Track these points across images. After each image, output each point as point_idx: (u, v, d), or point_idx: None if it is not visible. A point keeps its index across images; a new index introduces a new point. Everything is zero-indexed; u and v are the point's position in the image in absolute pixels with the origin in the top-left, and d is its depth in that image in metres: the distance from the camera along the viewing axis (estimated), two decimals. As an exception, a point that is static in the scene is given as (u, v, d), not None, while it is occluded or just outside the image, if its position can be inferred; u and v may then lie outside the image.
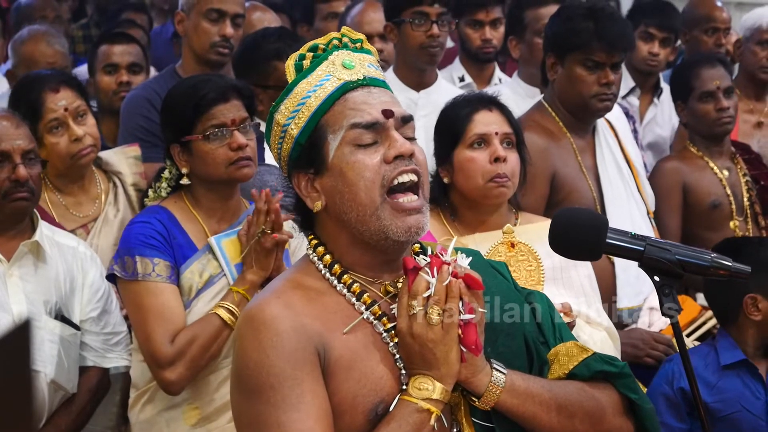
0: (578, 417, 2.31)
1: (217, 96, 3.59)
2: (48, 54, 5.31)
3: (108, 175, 4.42)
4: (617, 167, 4.48)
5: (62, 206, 4.30)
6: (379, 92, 2.33)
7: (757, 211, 4.99)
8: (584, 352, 2.38)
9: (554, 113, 4.42)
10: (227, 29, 4.96)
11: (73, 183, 4.33)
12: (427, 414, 2.21)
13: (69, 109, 4.20)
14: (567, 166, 4.36)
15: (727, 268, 2.39)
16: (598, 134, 4.50)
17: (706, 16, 6.55)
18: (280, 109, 2.34)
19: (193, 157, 3.60)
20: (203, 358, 3.49)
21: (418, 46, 5.09)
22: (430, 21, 5.05)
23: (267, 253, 3.53)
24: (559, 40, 4.39)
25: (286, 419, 2.17)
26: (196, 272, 3.57)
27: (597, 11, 4.34)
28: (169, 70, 5.18)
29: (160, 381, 3.51)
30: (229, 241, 3.59)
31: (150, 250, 3.51)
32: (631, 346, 4.24)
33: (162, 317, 3.49)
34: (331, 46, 2.36)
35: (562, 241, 2.46)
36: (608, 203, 4.39)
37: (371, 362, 2.25)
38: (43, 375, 3.75)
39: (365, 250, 2.30)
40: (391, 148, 2.27)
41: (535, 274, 3.64)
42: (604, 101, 4.32)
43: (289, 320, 2.22)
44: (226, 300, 3.52)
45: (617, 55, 4.32)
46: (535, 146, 4.19)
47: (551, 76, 4.42)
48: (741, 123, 5.45)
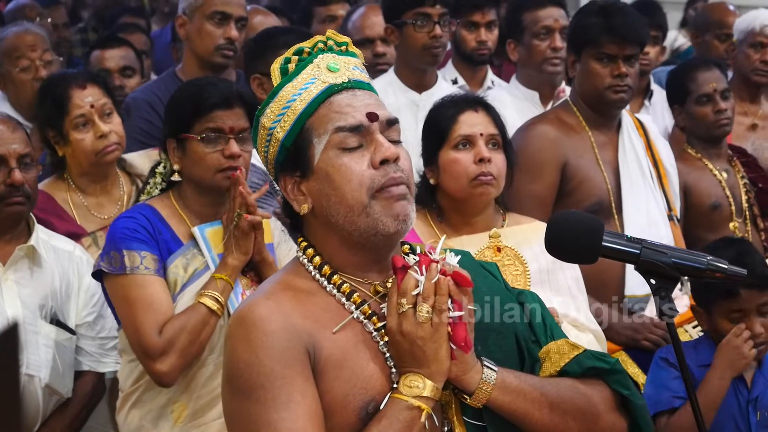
0: (570, 414, 2.31)
1: (220, 101, 3.59)
2: (27, 39, 5.29)
3: (131, 177, 4.42)
4: (639, 164, 4.56)
5: (84, 207, 4.30)
6: (364, 95, 2.32)
7: (756, 213, 5.00)
8: (575, 349, 2.38)
9: (576, 109, 4.54)
10: (232, 32, 4.98)
11: (96, 183, 4.33)
12: (417, 411, 2.21)
13: (95, 105, 4.21)
14: (581, 158, 4.46)
15: (723, 270, 2.39)
16: (621, 131, 4.59)
17: (718, 22, 6.59)
18: (266, 113, 2.35)
19: (186, 156, 3.59)
20: (193, 346, 3.47)
21: (420, 47, 5.10)
22: (432, 22, 5.06)
23: (245, 236, 3.54)
24: (575, 37, 4.59)
25: (276, 418, 2.17)
26: (181, 266, 3.55)
27: (608, 7, 4.49)
28: (169, 73, 5.20)
29: (152, 373, 3.48)
30: (212, 231, 3.58)
31: (137, 243, 3.50)
32: (630, 329, 4.31)
33: (151, 308, 3.47)
34: (316, 49, 2.36)
35: (559, 245, 2.46)
36: (625, 197, 4.47)
37: (361, 361, 2.25)
38: (38, 379, 3.75)
39: (354, 251, 2.31)
40: (376, 152, 2.27)
41: (521, 277, 3.64)
42: (618, 93, 4.44)
43: (279, 320, 2.22)
44: (208, 288, 3.51)
45: (629, 48, 4.43)
46: (545, 136, 4.42)
47: (571, 73, 4.59)
48: (735, 125, 5.44)
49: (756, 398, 3.76)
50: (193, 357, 3.49)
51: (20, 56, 5.24)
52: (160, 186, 3.70)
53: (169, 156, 3.64)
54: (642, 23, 4.60)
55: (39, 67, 5.22)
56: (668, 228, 4.55)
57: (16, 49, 5.25)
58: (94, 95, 4.23)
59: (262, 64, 4.43)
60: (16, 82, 5.25)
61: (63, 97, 4.21)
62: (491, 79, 5.89)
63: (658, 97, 6.08)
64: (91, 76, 4.36)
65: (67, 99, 4.21)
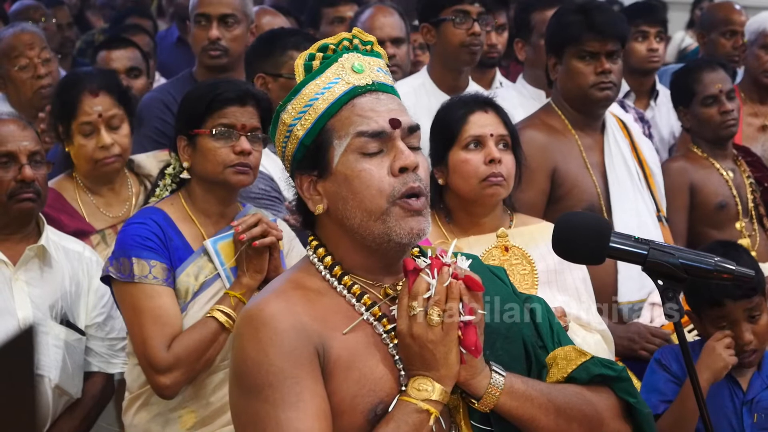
0: (576, 420, 2.32)
1: (233, 97, 3.58)
2: (25, 38, 5.30)
3: (140, 178, 4.43)
4: (625, 165, 4.53)
5: (93, 205, 4.32)
6: (387, 99, 2.32)
7: (762, 212, 4.99)
8: (582, 355, 2.38)
9: (560, 112, 4.49)
10: (212, 32, 5.04)
11: (102, 185, 4.35)
12: (426, 415, 2.21)
13: (103, 115, 4.22)
14: (569, 163, 4.42)
15: (730, 272, 2.38)
16: (607, 133, 4.55)
17: (724, 19, 6.60)
18: (287, 109, 2.34)
19: (196, 153, 3.58)
20: (199, 363, 3.46)
21: (459, 44, 5.07)
22: (471, 19, 5.04)
23: (259, 255, 3.51)
24: (554, 38, 4.52)
25: (284, 418, 2.17)
26: (192, 275, 3.54)
27: (586, 5, 4.46)
28: (185, 74, 5.27)
29: (154, 385, 3.47)
30: (224, 244, 3.56)
31: (147, 252, 3.48)
32: (627, 339, 4.27)
33: (159, 321, 3.45)
34: (341, 47, 2.35)
35: (566, 246, 2.46)
36: (614, 200, 4.44)
37: (371, 363, 2.25)
38: (48, 380, 3.76)
39: (366, 254, 2.31)
40: (396, 159, 2.27)
41: (529, 277, 3.64)
42: (603, 90, 4.40)
43: (289, 319, 2.22)
44: (222, 303, 3.49)
45: (610, 43, 4.39)
46: (534, 142, 4.31)
47: (553, 76, 4.51)
48: (745, 126, 5.45)
49: (752, 400, 3.75)
50: (198, 372, 3.48)
51: (18, 55, 5.25)
52: (170, 187, 3.69)
53: (178, 153, 3.63)
54: (621, 19, 4.59)
55: (38, 65, 5.24)
56: (658, 229, 4.53)
57: (13, 48, 5.27)
58: (104, 104, 4.24)
59: (267, 64, 4.44)
60: (16, 81, 5.27)
61: (74, 100, 4.24)
62: (500, 81, 5.89)
63: (663, 98, 6.08)
64: (105, 82, 4.35)
65: (77, 103, 4.23)
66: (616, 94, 4.50)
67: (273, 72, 4.44)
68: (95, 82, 4.29)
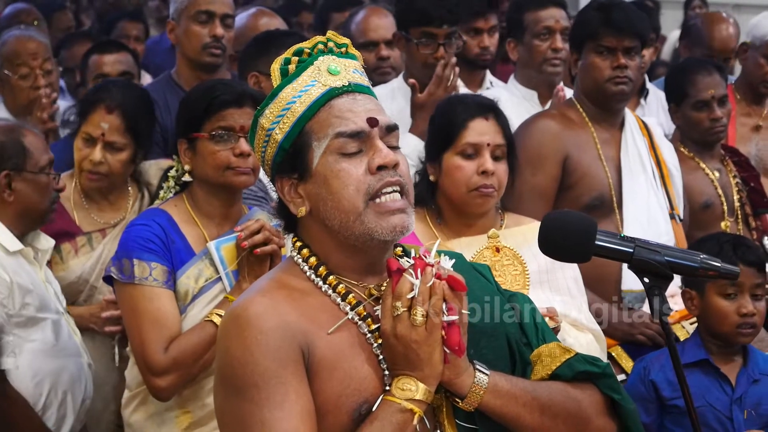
0: (561, 418, 2.32)
1: (231, 99, 3.60)
2: (30, 47, 5.30)
3: (139, 185, 4.40)
4: (641, 162, 4.60)
5: (85, 209, 4.30)
6: (364, 99, 2.33)
7: (748, 212, 5.00)
8: (567, 352, 2.39)
9: (579, 105, 4.60)
10: (217, 29, 5.01)
11: (97, 191, 4.31)
12: (409, 414, 2.22)
13: (105, 134, 4.18)
14: (582, 153, 4.51)
15: (716, 269, 2.41)
16: (625, 129, 4.64)
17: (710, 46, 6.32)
18: (265, 114, 2.35)
19: (197, 156, 3.61)
20: (196, 366, 3.49)
21: (422, 65, 5.06)
22: (436, 43, 5.01)
23: (260, 262, 3.53)
24: (575, 34, 4.68)
25: (270, 417, 2.18)
26: (192, 277, 3.56)
27: (607, 3, 4.56)
28: (165, 76, 5.23)
29: (150, 387, 3.50)
30: (228, 246, 3.58)
31: (148, 254, 3.51)
32: (627, 324, 4.34)
33: (157, 323, 3.48)
34: (316, 51, 2.36)
35: (552, 244, 2.47)
36: (626, 193, 4.51)
37: (355, 363, 2.26)
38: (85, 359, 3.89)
39: (350, 254, 2.32)
40: (375, 157, 2.28)
41: (520, 278, 3.64)
42: (618, 84, 4.49)
43: (274, 318, 2.22)
44: (221, 307, 3.51)
45: (627, 40, 4.48)
46: (547, 130, 4.50)
47: (574, 71, 4.65)
48: (739, 126, 5.43)
49: (740, 397, 3.77)
50: (194, 376, 3.51)
51: (21, 63, 5.25)
52: (174, 189, 3.72)
53: (180, 157, 3.66)
54: (641, 18, 4.66)
55: (38, 77, 5.23)
56: (669, 225, 4.57)
57: (17, 55, 5.27)
58: (112, 124, 4.18)
59: (261, 63, 4.43)
60: (14, 87, 5.27)
61: (89, 107, 4.22)
62: (490, 81, 5.88)
63: (653, 96, 6.05)
64: (125, 102, 4.24)
65: (90, 111, 4.21)
66: (631, 89, 4.59)
67: (267, 71, 4.42)
68: (115, 99, 4.22)
